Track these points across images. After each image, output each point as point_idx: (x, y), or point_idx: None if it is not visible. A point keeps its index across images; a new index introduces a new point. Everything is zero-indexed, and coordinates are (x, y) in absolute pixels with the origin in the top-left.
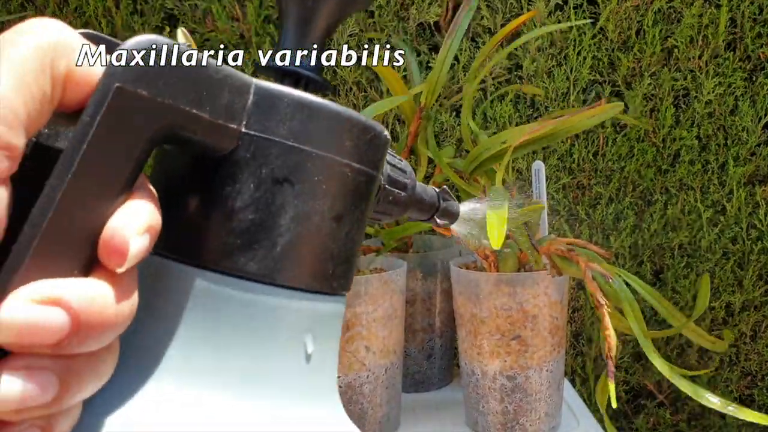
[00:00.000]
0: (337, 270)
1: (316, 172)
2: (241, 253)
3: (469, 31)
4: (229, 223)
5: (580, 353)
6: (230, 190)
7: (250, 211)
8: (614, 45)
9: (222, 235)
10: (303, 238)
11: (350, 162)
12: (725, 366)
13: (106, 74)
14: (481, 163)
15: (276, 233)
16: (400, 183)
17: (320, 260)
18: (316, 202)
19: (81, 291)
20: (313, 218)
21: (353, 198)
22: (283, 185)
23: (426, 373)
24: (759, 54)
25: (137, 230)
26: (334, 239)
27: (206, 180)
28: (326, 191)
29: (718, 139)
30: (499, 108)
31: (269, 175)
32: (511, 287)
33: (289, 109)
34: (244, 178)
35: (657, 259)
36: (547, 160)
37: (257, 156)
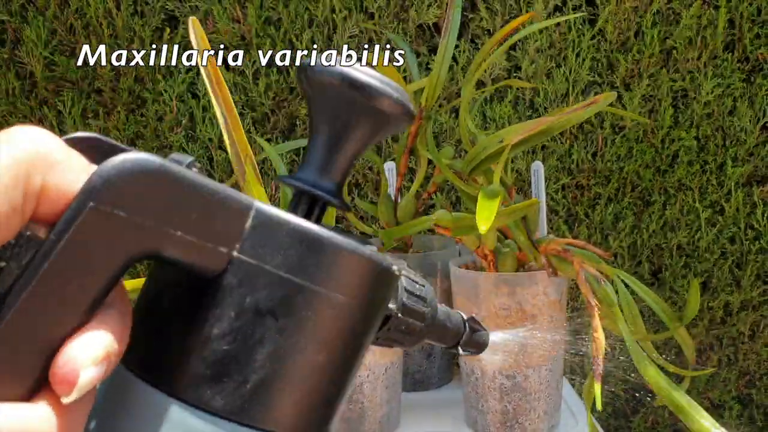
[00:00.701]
0: (313, 415)
1: (306, 308)
2: (209, 386)
3: (468, 32)
4: (202, 351)
5: (578, 353)
6: (209, 315)
7: (226, 342)
8: (613, 46)
9: (193, 363)
10: (278, 378)
11: (349, 299)
12: (723, 365)
13: (83, 191)
14: (479, 163)
15: (249, 369)
16: (417, 313)
17: (295, 403)
18: (300, 340)
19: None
20: (294, 356)
21: (347, 337)
22: (265, 317)
23: (426, 372)
24: (757, 55)
25: (92, 360)
26: (318, 381)
27: (189, 300)
28: (314, 328)
29: (717, 140)
30: (498, 109)
31: (253, 304)
32: (510, 287)
33: (288, 238)
34: (226, 304)
35: (655, 259)
36: (546, 160)
37: (244, 283)
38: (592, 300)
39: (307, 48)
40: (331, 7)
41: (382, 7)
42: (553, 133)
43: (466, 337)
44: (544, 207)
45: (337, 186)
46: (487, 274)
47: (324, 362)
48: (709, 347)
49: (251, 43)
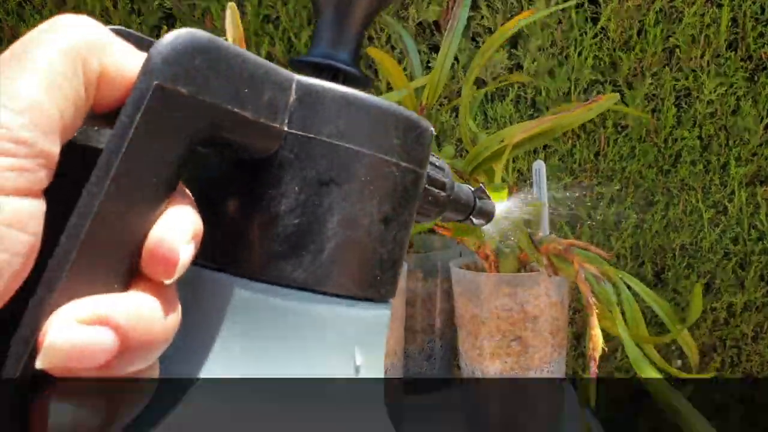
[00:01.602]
0: (384, 276)
1: (363, 172)
2: (287, 261)
3: (469, 31)
4: (273, 228)
5: (581, 354)
6: (273, 193)
7: (295, 216)
8: (616, 45)
9: (265, 242)
10: (351, 243)
11: (398, 161)
12: (726, 367)
13: (144, 72)
14: (480, 163)
15: (323, 238)
16: (439, 182)
17: (369, 266)
18: (364, 204)
19: (128, 308)
20: (362, 221)
21: (401, 198)
22: (329, 186)
23: (426, 374)
24: (761, 54)
25: (185, 238)
26: (382, 243)
27: (246, 184)
28: (374, 192)
29: (720, 140)
30: (499, 108)
31: (314, 176)
32: (512, 288)
33: (334, 105)
34: (287, 180)
35: (658, 259)
36: (549, 160)
37: (301, 156)
38: (590, 299)
39: (305, 46)
40: None
41: None
42: (555, 134)
43: (477, 208)
44: (546, 207)
45: (351, 55)
46: (489, 275)
47: (388, 224)
48: (713, 349)
49: (250, 41)
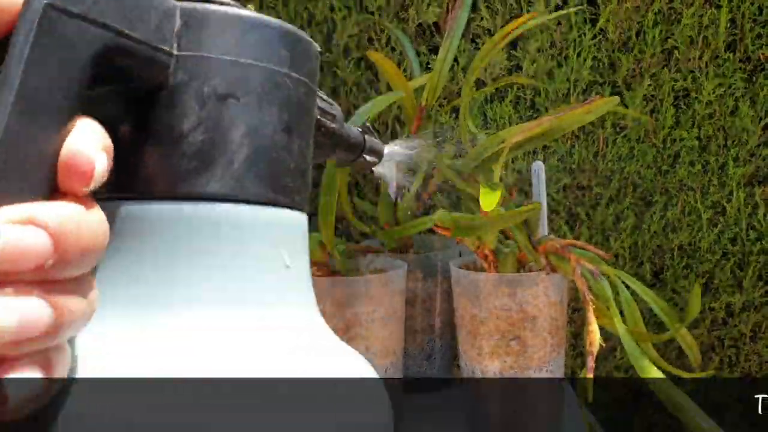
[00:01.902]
0: (295, 183)
1: (258, 84)
2: (200, 176)
3: (468, 32)
4: (180, 147)
5: (580, 354)
6: (174, 115)
7: (199, 132)
8: (614, 46)
9: (175, 161)
10: (259, 152)
11: (289, 71)
12: (725, 367)
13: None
14: (479, 164)
15: (231, 149)
16: (328, 113)
17: (279, 173)
18: (264, 114)
19: (57, 211)
20: (265, 130)
21: (298, 109)
22: (228, 101)
23: (426, 373)
24: (759, 55)
25: (96, 147)
26: (288, 151)
27: (146, 112)
28: (272, 102)
29: (718, 140)
30: (498, 109)
31: (212, 92)
32: (511, 288)
33: (219, 24)
34: (186, 100)
35: (657, 259)
36: (547, 160)
37: (195, 76)
38: (587, 294)
39: None
40: (330, 6)
41: (381, 6)
42: (555, 136)
43: (367, 147)
44: (545, 208)
45: None
46: (488, 275)
47: (290, 133)
48: (711, 348)
49: None
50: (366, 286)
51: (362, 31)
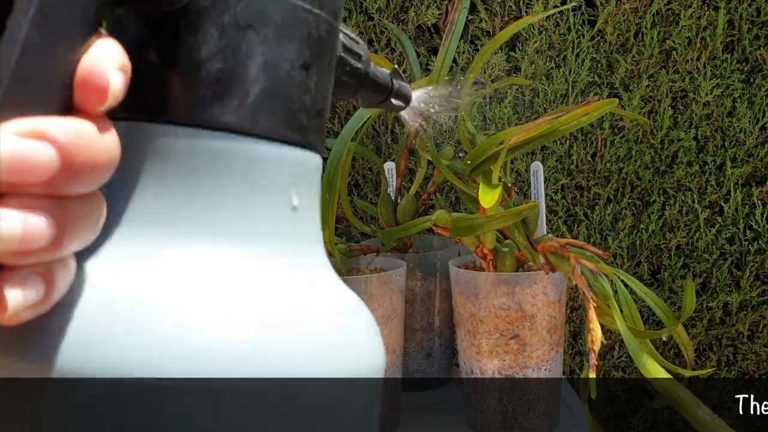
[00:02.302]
0: (311, 122)
1: (279, 18)
2: (215, 104)
3: (467, 33)
4: (198, 74)
5: (578, 353)
6: (194, 41)
7: (217, 60)
8: (612, 47)
9: (192, 88)
10: (275, 86)
11: (311, 8)
12: (723, 366)
13: None
14: (478, 165)
15: (248, 81)
16: (354, 52)
17: (294, 110)
18: (283, 49)
19: (66, 126)
20: (282, 65)
21: (318, 46)
22: (247, 31)
23: (425, 372)
24: (757, 56)
25: (113, 66)
26: (305, 89)
27: (167, 35)
28: (291, 37)
29: (716, 141)
30: (497, 109)
31: (232, 21)
32: (510, 287)
33: None
34: (206, 27)
35: (654, 259)
36: (546, 161)
37: (217, 3)
38: (587, 293)
39: None
40: None
41: (381, 8)
42: (554, 138)
43: (395, 89)
44: (544, 208)
45: None
46: (487, 274)
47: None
48: (708, 348)
49: None
50: (366, 285)
51: (362, 32)
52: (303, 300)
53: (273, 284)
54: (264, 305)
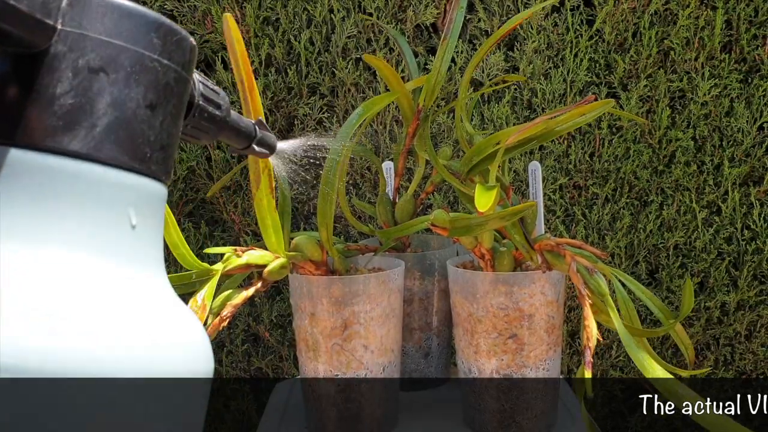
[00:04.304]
0: (154, 154)
1: (129, 64)
2: (64, 134)
3: (466, 33)
4: (52, 107)
5: (576, 352)
6: (50, 79)
7: (70, 97)
8: (611, 47)
9: (45, 118)
10: (120, 121)
11: (159, 57)
12: (720, 366)
13: None
14: (476, 164)
15: (95, 116)
16: (213, 102)
17: (138, 143)
18: (130, 90)
19: None
20: (129, 104)
21: (165, 92)
22: (99, 74)
23: (423, 371)
24: (755, 56)
25: None
26: (149, 125)
27: (26, 72)
28: (139, 81)
29: (714, 141)
30: (496, 109)
31: (86, 65)
32: (508, 286)
33: (101, 9)
34: (62, 68)
35: (652, 259)
36: (544, 161)
37: (74, 49)
38: (583, 290)
39: (305, 48)
40: (329, 8)
41: (380, 7)
42: (551, 137)
43: (258, 137)
44: (542, 207)
45: None
46: (485, 274)
47: (153, 110)
48: (706, 347)
49: (250, 43)
50: (364, 284)
51: (360, 32)
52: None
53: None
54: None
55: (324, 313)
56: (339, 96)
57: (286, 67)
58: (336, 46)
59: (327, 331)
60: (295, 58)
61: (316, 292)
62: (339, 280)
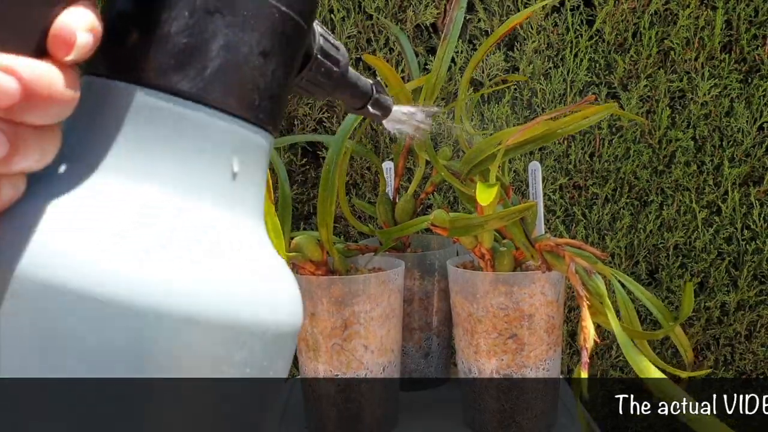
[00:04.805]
0: (263, 103)
1: (246, 8)
2: (175, 73)
3: (466, 33)
4: (165, 45)
5: (576, 352)
6: (166, 16)
7: (184, 36)
8: (611, 47)
9: (158, 56)
10: (232, 65)
11: (278, 4)
12: (720, 366)
13: None
14: (476, 165)
15: (207, 58)
16: (333, 57)
17: (247, 89)
18: (244, 35)
19: (31, 66)
20: (242, 49)
21: (280, 40)
22: (214, 15)
23: (423, 371)
24: (755, 56)
25: (83, 27)
26: (261, 73)
27: (145, 8)
28: (254, 26)
29: (714, 141)
30: (496, 109)
31: (203, 5)
32: (508, 286)
33: None
34: (180, 6)
35: (652, 259)
36: (544, 161)
37: None
38: (581, 290)
39: None
40: (329, 8)
41: (380, 7)
42: (552, 140)
43: (374, 98)
44: (542, 207)
45: None
46: (485, 274)
47: (266, 58)
48: (706, 347)
49: None
50: (364, 284)
51: (360, 32)
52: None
53: (202, 230)
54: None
55: (324, 313)
56: None
57: None
58: None
59: (327, 331)
60: None
61: (316, 292)
62: (339, 280)
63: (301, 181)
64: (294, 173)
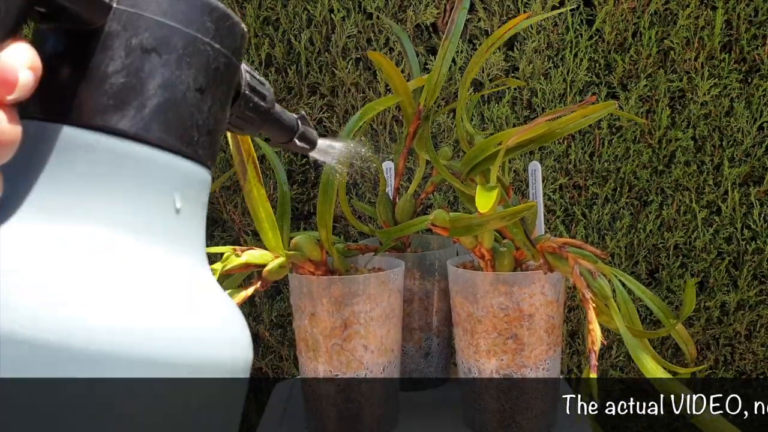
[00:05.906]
0: (201, 139)
1: (181, 46)
2: (114, 113)
3: (466, 33)
4: (102, 85)
5: (576, 352)
6: (103, 57)
7: (121, 76)
8: (610, 47)
9: (96, 96)
10: (170, 103)
11: (211, 41)
12: (720, 365)
13: None
14: (476, 165)
15: (145, 96)
16: (259, 92)
17: (186, 126)
18: (181, 72)
19: None
20: (179, 86)
21: (214, 76)
22: (151, 54)
23: (423, 371)
24: (754, 56)
25: (24, 64)
26: (198, 109)
27: (80, 49)
28: (190, 64)
29: (714, 140)
30: (496, 109)
31: (139, 45)
32: (508, 286)
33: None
34: (115, 46)
35: (652, 258)
36: (544, 161)
37: (128, 28)
38: (586, 293)
39: (305, 48)
40: (329, 8)
41: (380, 7)
42: (552, 139)
43: (300, 132)
44: (542, 207)
45: None
46: (485, 274)
47: (202, 94)
48: (706, 347)
49: (250, 43)
50: (364, 284)
51: (361, 32)
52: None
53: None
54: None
55: (324, 313)
56: (339, 96)
57: (286, 66)
58: (336, 45)
59: (327, 331)
60: (295, 57)
61: (316, 292)
62: (339, 280)
63: (301, 181)
64: (294, 173)
